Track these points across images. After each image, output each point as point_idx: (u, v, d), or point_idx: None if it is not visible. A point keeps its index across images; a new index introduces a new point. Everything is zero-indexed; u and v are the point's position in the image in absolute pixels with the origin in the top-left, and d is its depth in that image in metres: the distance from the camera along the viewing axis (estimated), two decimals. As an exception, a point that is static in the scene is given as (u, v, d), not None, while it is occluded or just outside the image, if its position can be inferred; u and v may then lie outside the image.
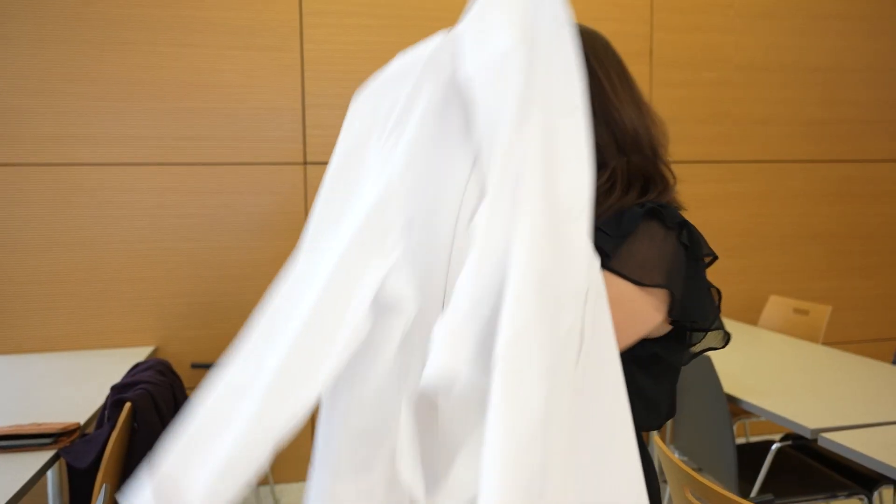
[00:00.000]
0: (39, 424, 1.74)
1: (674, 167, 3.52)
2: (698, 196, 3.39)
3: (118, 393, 1.72)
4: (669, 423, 3.37)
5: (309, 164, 2.97)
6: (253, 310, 2.37)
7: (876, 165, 3.62)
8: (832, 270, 3.61)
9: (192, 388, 2.89)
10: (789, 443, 2.13)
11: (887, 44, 3.59)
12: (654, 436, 1.65)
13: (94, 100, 2.78)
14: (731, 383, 2.13)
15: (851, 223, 3.61)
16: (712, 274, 0.89)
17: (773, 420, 1.89)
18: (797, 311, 3.09)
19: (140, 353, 2.75)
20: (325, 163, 3.11)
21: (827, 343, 2.95)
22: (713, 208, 3.41)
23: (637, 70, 3.28)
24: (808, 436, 1.74)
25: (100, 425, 1.77)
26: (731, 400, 2.06)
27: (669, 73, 3.32)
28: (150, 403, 1.70)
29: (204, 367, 2.91)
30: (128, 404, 1.64)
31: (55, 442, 1.70)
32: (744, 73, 3.41)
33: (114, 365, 2.53)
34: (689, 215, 0.96)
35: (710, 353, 1.99)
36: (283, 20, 2.91)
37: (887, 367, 2.34)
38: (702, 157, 3.38)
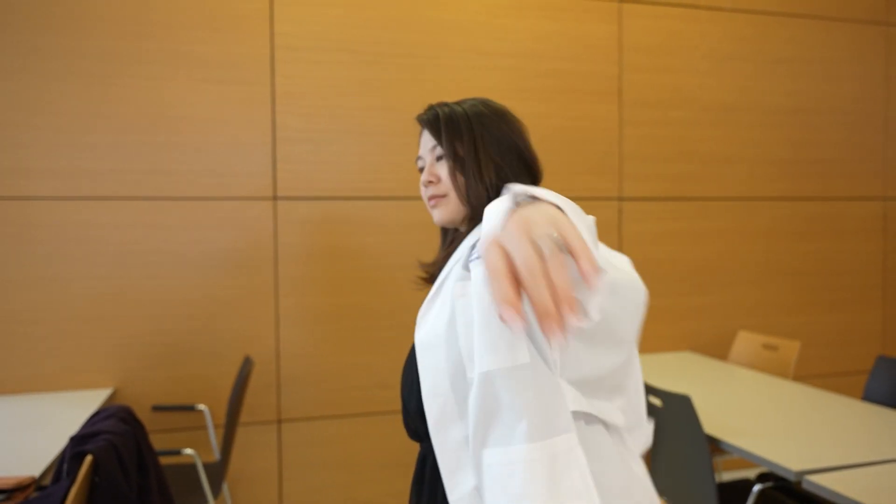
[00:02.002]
0: (-10, 479, 1.62)
1: (644, 204, 3.62)
2: (667, 233, 3.42)
3: (78, 444, 1.61)
4: (646, 460, 3.34)
5: (279, 199, 2.91)
6: (218, 349, 2.31)
7: (838, 203, 3.72)
8: (799, 306, 3.67)
9: (154, 432, 2.77)
10: (770, 484, 2.11)
11: (847, 87, 3.72)
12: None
13: (55, 132, 2.69)
14: (709, 422, 2.12)
15: (816, 259, 3.69)
16: (682, 310, 0.98)
17: (755, 461, 1.88)
18: (766, 346, 3.12)
19: (98, 396, 2.62)
20: (295, 198, 3.07)
21: (795, 377, 2.98)
22: (682, 245, 3.45)
23: (607, 109, 3.33)
24: (792, 478, 1.73)
25: (57, 479, 1.65)
26: (711, 440, 2.04)
27: (638, 112, 3.37)
28: (113, 456, 1.60)
29: (165, 409, 2.79)
30: (89, 457, 1.54)
31: (8, 498, 1.58)
32: (710, 113, 3.49)
33: (70, 409, 2.41)
34: (658, 251, 1.16)
35: (688, 392, 1.96)
36: (254, 54, 2.88)
37: (858, 404, 2.37)
38: (670, 194, 3.43)
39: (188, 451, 2.35)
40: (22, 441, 2.04)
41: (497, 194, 1.13)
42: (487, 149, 1.14)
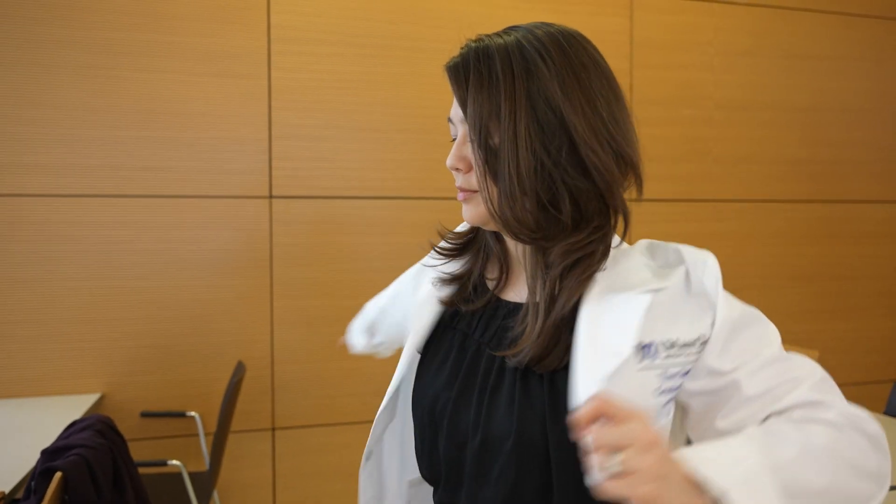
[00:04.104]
0: (-45, 496, 1.52)
1: (654, 206, 3.44)
2: (679, 235, 3.29)
3: (48, 459, 1.50)
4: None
5: (274, 198, 2.80)
6: (210, 353, 2.16)
7: (856, 206, 3.59)
8: (813, 312, 3.54)
9: (143, 439, 2.66)
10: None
11: (866, 85, 3.58)
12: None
13: (43, 126, 2.58)
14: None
15: (832, 264, 3.56)
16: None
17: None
18: (782, 355, 2.99)
19: (85, 401, 2.51)
20: (291, 196, 2.93)
21: (813, 389, 2.85)
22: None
23: (617, 106, 3.20)
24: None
25: (27, 496, 1.55)
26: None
27: (649, 110, 3.24)
28: (86, 472, 1.49)
29: (155, 415, 2.68)
30: (58, 474, 1.43)
31: (-28, 517, 1.48)
32: (724, 111, 3.36)
33: (54, 416, 2.30)
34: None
35: None
36: (250, 47, 2.77)
37: (881, 419, 2.24)
38: (682, 195, 3.30)
39: (174, 462, 2.25)
40: (-3, 451, 1.94)
41: (544, 213, 0.78)
42: (536, 137, 0.76)
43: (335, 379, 2.88)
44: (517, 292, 0.91)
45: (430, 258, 0.99)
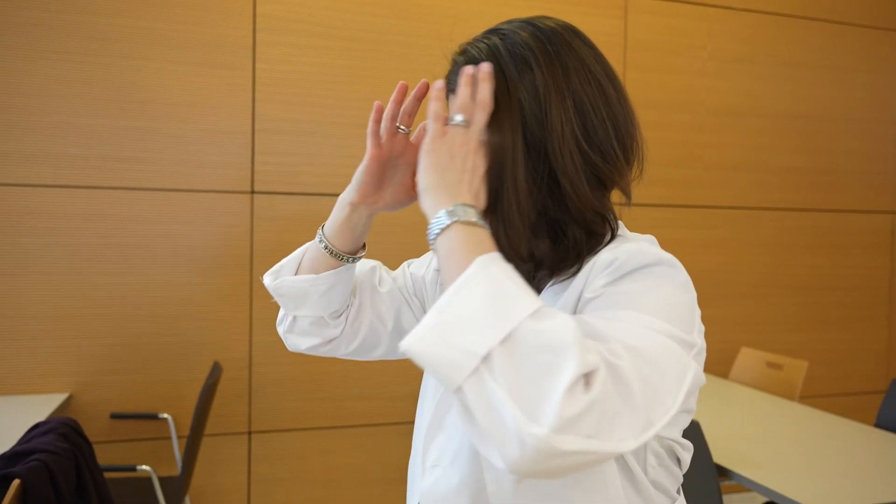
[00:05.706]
0: None
1: (644, 211, 3.36)
2: (669, 241, 3.23)
3: (6, 465, 1.41)
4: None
5: (256, 194, 2.70)
6: (185, 354, 2.03)
7: (849, 216, 3.57)
8: (804, 322, 3.51)
9: (113, 442, 2.56)
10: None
11: (861, 94, 3.56)
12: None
13: (14, 113, 2.47)
14: (714, 448, 1.94)
15: (824, 274, 3.53)
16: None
17: (769, 496, 1.71)
18: (770, 364, 2.95)
19: (51, 402, 2.40)
20: (274, 192, 2.81)
21: (799, 397, 2.81)
22: (683, 254, 3.25)
23: (609, 108, 3.15)
24: (814, 520, 1.56)
25: (-18, 503, 1.44)
26: (718, 469, 1.87)
27: (642, 113, 3.17)
28: (46, 479, 1.39)
29: (125, 417, 2.58)
30: (16, 481, 1.33)
31: (-79, 526, 1.37)
32: (717, 117, 3.32)
33: (18, 417, 2.19)
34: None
35: (696, 416, 1.73)
36: (235, 37, 2.67)
37: (871, 431, 2.21)
38: (674, 201, 3.26)
39: (144, 467, 2.14)
40: (-46, 454, 1.83)
41: (535, 240, 0.78)
42: (528, 159, 0.74)
43: (315, 382, 2.79)
44: None
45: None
